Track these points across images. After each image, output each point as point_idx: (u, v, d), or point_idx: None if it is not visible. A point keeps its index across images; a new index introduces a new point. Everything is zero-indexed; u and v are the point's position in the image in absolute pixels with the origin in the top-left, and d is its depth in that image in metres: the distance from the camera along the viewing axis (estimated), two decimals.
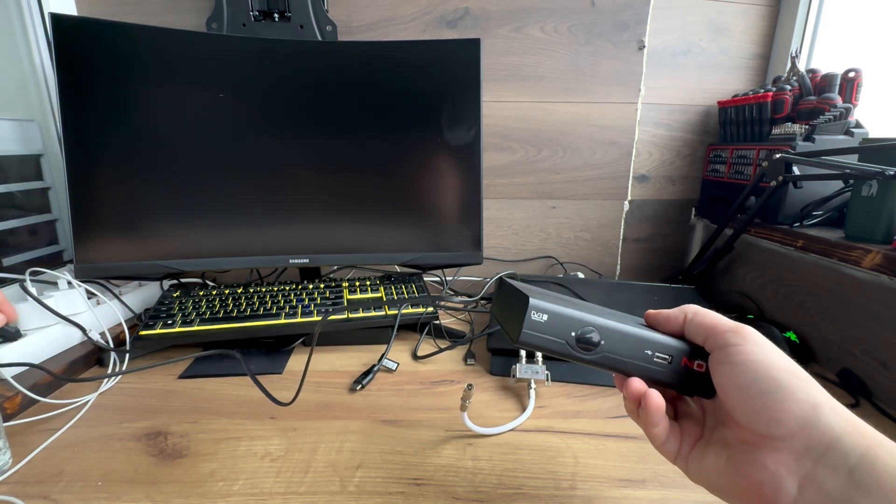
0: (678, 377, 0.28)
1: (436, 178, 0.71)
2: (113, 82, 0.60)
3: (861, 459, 0.20)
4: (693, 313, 0.28)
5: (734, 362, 0.24)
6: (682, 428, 0.29)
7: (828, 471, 0.20)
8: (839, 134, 0.66)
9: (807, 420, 0.21)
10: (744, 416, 0.23)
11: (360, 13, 0.79)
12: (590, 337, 0.28)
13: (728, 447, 0.25)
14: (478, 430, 0.43)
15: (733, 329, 0.25)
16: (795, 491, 0.21)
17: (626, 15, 0.80)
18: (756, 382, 0.23)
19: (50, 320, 0.56)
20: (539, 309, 0.28)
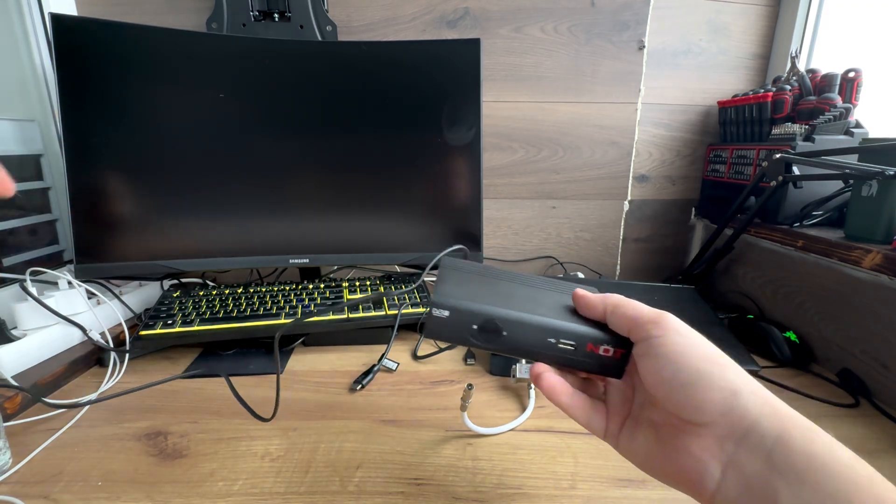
0: (586, 362, 0.29)
1: (436, 177, 0.71)
2: (113, 82, 0.60)
3: (777, 441, 0.20)
4: (613, 305, 0.28)
5: (656, 355, 0.24)
6: (609, 406, 0.29)
7: (748, 454, 0.21)
8: (839, 134, 0.66)
9: (727, 406, 0.22)
10: (669, 404, 0.24)
11: (360, 13, 0.79)
12: (491, 328, 0.29)
13: (656, 429, 0.26)
14: (478, 430, 0.43)
15: (654, 320, 0.25)
16: (719, 475, 0.21)
17: (626, 15, 0.80)
18: (678, 375, 0.23)
19: (50, 320, 0.56)
20: (440, 305, 0.29)
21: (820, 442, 0.20)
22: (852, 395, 0.52)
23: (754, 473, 0.20)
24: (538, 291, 0.33)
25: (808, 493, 0.18)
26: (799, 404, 0.50)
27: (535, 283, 0.34)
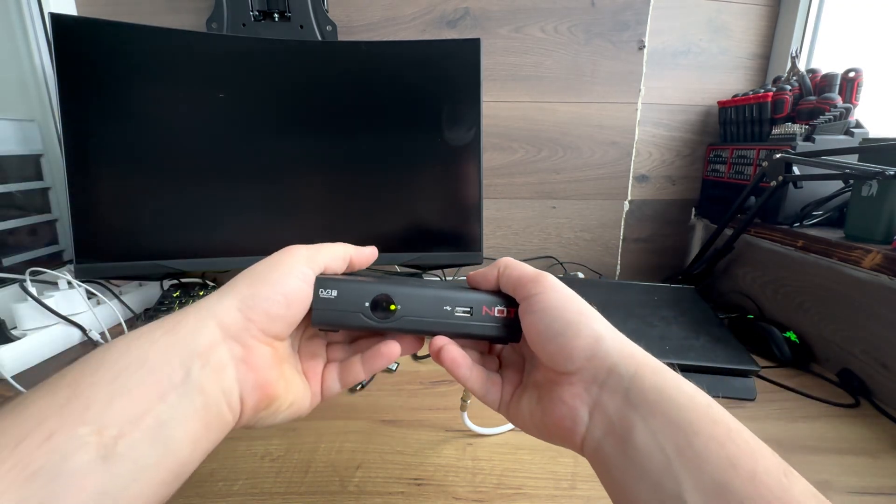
0: (484, 327, 0.29)
1: (435, 178, 0.71)
2: (113, 82, 0.60)
3: (632, 380, 0.22)
4: (504, 266, 0.29)
5: (535, 310, 0.26)
6: (504, 378, 0.30)
7: (609, 394, 0.23)
8: (839, 134, 0.66)
9: (591, 352, 0.24)
10: (545, 357, 0.25)
11: (360, 13, 0.79)
12: (385, 304, 0.28)
13: (538, 389, 0.27)
14: (478, 430, 0.43)
15: (534, 278, 0.27)
16: (587, 418, 0.23)
17: (626, 15, 0.80)
18: (552, 325, 0.25)
19: (50, 320, 0.56)
20: (327, 286, 0.28)
21: (668, 378, 0.22)
22: (852, 395, 0.52)
23: (614, 411, 0.22)
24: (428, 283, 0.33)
25: (657, 422, 0.21)
26: (799, 404, 0.51)
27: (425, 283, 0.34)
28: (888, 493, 0.38)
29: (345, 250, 0.30)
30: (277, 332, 0.26)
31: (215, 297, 0.25)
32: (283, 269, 0.26)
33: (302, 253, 0.28)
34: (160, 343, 0.21)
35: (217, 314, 0.24)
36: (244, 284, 0.25)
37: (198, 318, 0.23)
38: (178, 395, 0.21)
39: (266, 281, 0.26)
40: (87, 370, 0.20)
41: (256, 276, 0.26)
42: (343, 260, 0.30)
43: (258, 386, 0.24)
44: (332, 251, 0.29)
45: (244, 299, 0.24)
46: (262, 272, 0.26)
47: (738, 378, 0.52)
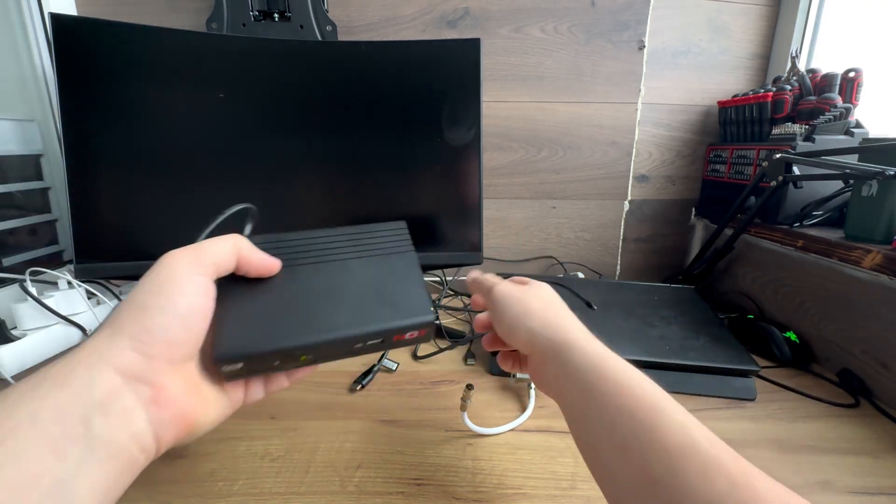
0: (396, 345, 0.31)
1: (435, 178, 0.70)
2: (113, 82, 0.60)
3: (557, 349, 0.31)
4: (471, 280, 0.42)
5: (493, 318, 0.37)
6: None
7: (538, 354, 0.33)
8: (839, 134, 0.66)
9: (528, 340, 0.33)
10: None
11: (360, 13, 0.79)
12: (295, 357, 0.28)
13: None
14: (478, 430, 0.43)
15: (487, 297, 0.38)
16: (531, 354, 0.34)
17: (626, 15, 0.80)
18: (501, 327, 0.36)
19: (50, 320, 0.56)
20: (229, 360, 0.25)
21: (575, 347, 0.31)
22: (852, 395, 0.52)
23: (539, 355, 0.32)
24: (340, 272, 0.30)
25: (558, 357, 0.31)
26: (799, 404, 0.51)
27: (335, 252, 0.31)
28: (888, 493, 0.38)
29: (233, 245, 0.27)
30: (184, 355, 0.24)
31: (104, 339, 0.22)
32: (170, 287, 0.23)
33: (184, 259, 0.25)
34: (49, 399, 0.19)
35: (111, 360, 0.21)
36: (130, 319, 0.22)
37: (89, 366, 0.21)
38: (79, 451, 0.19)
39: (155, 307, 0.23)
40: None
41: (141, 304, 0.23)
42: (231, 255, 0.27)
43: (174, 420, 0.23)
44: (218, 248, 0.26)
45: (136, 336, 0.22)
46: (146, 298, 0.23)
47: (738, 378, 0.52)
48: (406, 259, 0.32)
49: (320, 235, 0.31)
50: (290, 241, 0.30)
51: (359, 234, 0.32)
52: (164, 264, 0.24)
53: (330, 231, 0.32)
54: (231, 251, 0.27)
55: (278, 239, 0.30)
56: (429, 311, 0.30)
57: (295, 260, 0.30)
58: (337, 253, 0.31)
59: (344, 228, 0.32)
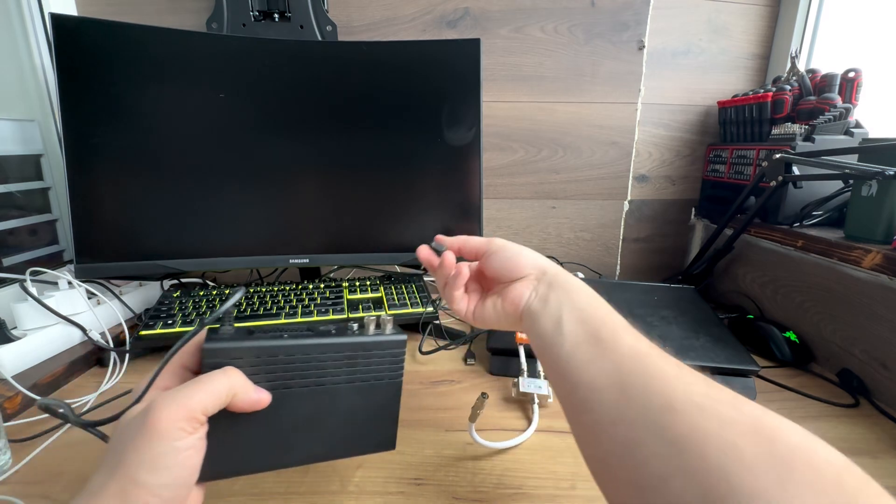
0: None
1: (436, 178, 0.71)
2: (113, 82, 0.60)
3: (554, 277, 0.35)
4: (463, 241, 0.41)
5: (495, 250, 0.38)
6: (469, 296, 0.40)
7: (542, 285, 0.35)
8: (839, 134, 0.66)
9: (534, 264, 0.36)
10: (506, 274, 0.37)
11: (360, 13, 0.79)
12: None
13: (499, 293, 0.37)
14: (484, 444, 0.41)
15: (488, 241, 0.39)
16: (528, 295, 0.35)
17: (626, 15, 0.80)
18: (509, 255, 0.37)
19: (50, 320, 0.56)
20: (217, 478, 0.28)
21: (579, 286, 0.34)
22: (852, 395, 0.52)
23: (543, 291, 0.34)
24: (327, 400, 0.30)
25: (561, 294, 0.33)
26: (799, 404, 0.51)
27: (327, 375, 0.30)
28: None
29: (228, 389, 0.26)
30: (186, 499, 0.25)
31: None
32: (167, 461, 0.23)
33: (176, 421, 0.23)
34: None
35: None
36: (137, 497, 0.22)
37: None
38: None
39: (156, 486, 0.23)
40: None
41: (140, 481, 0.22)
42: (226, 399, 0.26)
43: None
44: (212, 398, 0.25)
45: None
46: (141, 475, 0.22)
47: (738, 378, 0.52)
48: (391, 389, 0.33)
49: (317, 352, 0.29)
50: (284, 357, 0.28)
51: (357, 351, 0.31)
52: (153, 432, 0.23)
53: (328, 346, 0.30)
54: (226, 397, 0.26)
55: (272, 352, 0.28)
56: (391, 444, 0.34)
57: (286, 381, 0.29)
58: (329, 376, 0.30)
59: (344, 343, 0.30)
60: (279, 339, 0.28)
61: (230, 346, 0.27)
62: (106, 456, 0.24)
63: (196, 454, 0.25)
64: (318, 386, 0.30)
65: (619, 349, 0.27)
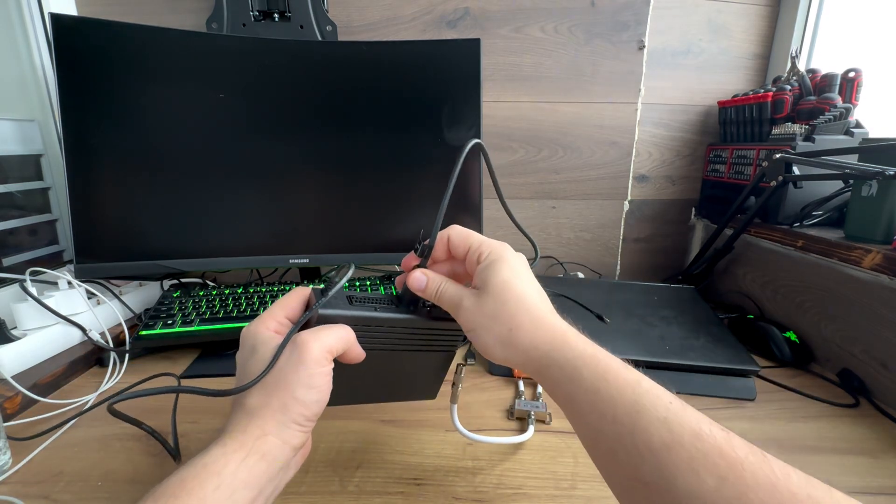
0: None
1: (436, 177, 0.71)
2: (113, 82, 0.60)
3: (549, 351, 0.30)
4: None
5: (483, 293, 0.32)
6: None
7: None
8: (839, 134, 0.66)
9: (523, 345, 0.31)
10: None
11: (360, 13, 0.79)
12: None
13: None
14: (465, 434, 0.40)
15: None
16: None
17: (626, 15, 0.80)
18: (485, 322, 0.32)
19: (50, 320, 0.56)
20: None
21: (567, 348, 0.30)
22: (852, 395, 0.52)
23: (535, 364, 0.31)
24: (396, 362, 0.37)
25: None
26: (799, 404, 0.51)
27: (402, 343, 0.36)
28: (888, 493, 0.38)
29: (347, 340, 0.32)
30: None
31: (278, 424, 0.29)
32: (318, 380, 0.30)
33: (318, 350, 0.30)
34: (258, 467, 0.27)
35: (289, 440, 0.29)
36: (296, 411, 0.29)
37: (274, 446, 0.28)
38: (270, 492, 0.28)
39: (311, 402, 0.30)
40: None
41: (300, 398, 0.29)
42: (344, 346, 0.32)
43: (304, 456, 0.33)
44: (340, 343, 0.32)
45: (300, 423, 0.29)
46: (302, 393, 0.29)
47: (738, 378, 0.52)
48: (447, 358, 0.40)
49: (400, 326, 0.35)
50: (375, 327, 0.35)
51: (431, 332, 0.37)
52: (306, 357, 0.29)
53: (409, 322, 0.35)
54: (346, 345, 0.32)
55: (368, 321, 0.34)
56: (434, 395, 0.42)
57: (371, 343, 0.34)
58: (403, 343, 0.36)
59: (421, 323, 0.36)
60: (373, 311, 0.34)
61: (340, 314, 0.33)
62: (261, 385, 0.30)
63: (329, 380, 0.31)
64: (394, 350, 0.36)
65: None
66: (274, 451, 0.28)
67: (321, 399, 0.30)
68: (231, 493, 0.25)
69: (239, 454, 0.27)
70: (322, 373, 0.30)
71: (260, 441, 0.27)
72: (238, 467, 0.26)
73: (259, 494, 0.27)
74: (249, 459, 0.27)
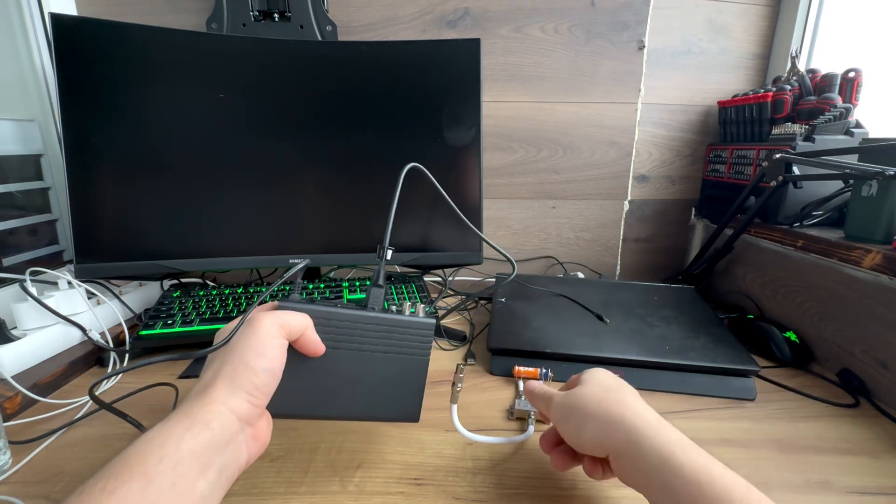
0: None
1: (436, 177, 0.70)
2: (113, 82, 0.60)
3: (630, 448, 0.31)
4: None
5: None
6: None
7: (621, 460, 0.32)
8: (839, 134, 0.66)
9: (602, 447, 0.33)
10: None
11: (360, 13, 0.79)
12: None
13: None
14: (465, 433, 0.41)
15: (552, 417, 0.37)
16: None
17: (626, 15, 0.80)
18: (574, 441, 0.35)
19: (50, 320, 0.56)
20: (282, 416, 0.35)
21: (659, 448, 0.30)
22: (852, 395, 0.52)
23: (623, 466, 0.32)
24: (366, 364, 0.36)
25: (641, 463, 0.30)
26: (799, 404, 0.51)
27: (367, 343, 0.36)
28: (888, 493, 0.38)
29: (304, 323, 0.33)
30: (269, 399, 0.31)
31: (226, 391, 0.29)
32: (269, 350, 0.30)
33: (273, 324, 0.31)
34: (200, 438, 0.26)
35: (234, 409, 0.28)
36: (245, 378, 0.29)
37: (220, 413, 0.28)
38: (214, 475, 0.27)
39: (261, 369, 0.30)
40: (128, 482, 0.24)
41: (250, 364, 0.30)
42: (301, 331, 0.33)
43: (260, 446, 0.31)
44: (296, 321, 0.32)
45: (250, 391, 0.29)
46: (253, 360, 0.30)
47: (738, 378, 0.52)
48: (419, 364, 0.38)
49: (362, 322, 0.36)
50: (337, 322, 0.35)
51: (393, 328, 0.37)
52: (259, 328, 0.30)
53: (371, 318, 0.36)
54: (302, 329, 0.33)
55: (328, 316, 0.35)
56: (416, 415, 0.39)
57: (336, 342, 0.35)
58: (369, 344, 0.36)
59: (383, 317, 0.36)
60: (334, 307, 0.35)
61: (300, 306, 0.34)
62: (215, 357, 0.31)
63: (282, 354, 0.31)
64: (360, 351, 0.36)
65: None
66: (220, 418, 0.27)
67: (270, 368, 0.30)
68: (174, 464, 0.24)
69: (183, 424, 0.26)
70: (273, 344, 0.30)
71: (204, 409, 0.27)
72: (181, 437, 0.26)
73: (207, 466, 0.26)
74: (194, 428, 0.26)
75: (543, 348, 0.55)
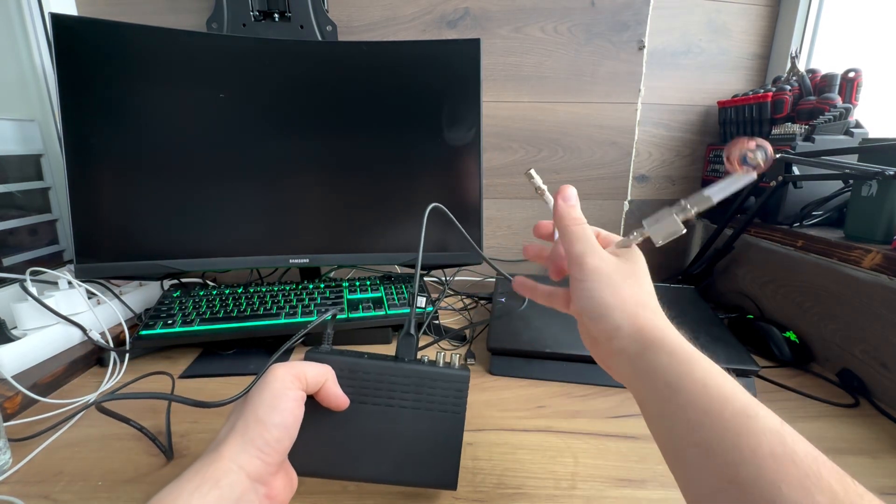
0: None
1: (436, 177, 0.71)
2: (113, 82, 0.60)
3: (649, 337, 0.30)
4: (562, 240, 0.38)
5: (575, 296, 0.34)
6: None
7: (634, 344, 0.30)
8: (839, 134, 0.66)
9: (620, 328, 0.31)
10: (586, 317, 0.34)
11: (360, 13, 0.79)
12: None
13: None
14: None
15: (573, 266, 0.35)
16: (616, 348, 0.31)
17: (626, 15, 0.80)
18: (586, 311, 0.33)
19: (50, 320, 0.56)
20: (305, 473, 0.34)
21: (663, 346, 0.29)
22: (852, 395, 0.52)
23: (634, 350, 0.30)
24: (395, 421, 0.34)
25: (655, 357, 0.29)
26: (799, 404, 0.51)
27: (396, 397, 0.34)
28: (888, 493, 0.38)
29: (324, 374, 0.32)
30: (285, 456, 0.30)
31: (237, 448, 0.28)
32: (282, 403, 0.29)
33: (288, 376, 0.30)
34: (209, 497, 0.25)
35: (244, 466, 0.27)
36: (256, 433, 0.28)
37: (229, 471, 0.27)
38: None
39: (272, 424, 0.29)
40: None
41: (263, 419, 0.29)
42: (321, 383, 0.32)
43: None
44: (314, 372, 0.32)
45: (262, 448, 0.28)
46: (266, 414, 0.29)
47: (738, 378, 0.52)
48: (454, 422, 0.35)
49: (389, 374, 0.34)
50: (363, 374, 0.34)
51: (423, 380, 0.34)
52: (272, 380, 0.30)
53: (399, 370, 0.34)
54: (322, 380, 0.32)
55: (353, 367, 0.33)
56: (453, 482, 0.34)
57: (362, 395, 0.33)
58: (397, 398, 0.34)
59: (413, 369, 0.34)
60: (361, 359, 0.34)
61: (325, 357, 0.33)
62: (233, 411, 0.30)
63: (297, 407, 0.30)
64: (388, 406, 0.34)
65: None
66: (229, 475, 0.27)
67: (284, 423, 0.29)
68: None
69: (193, 483, 0.26)
70: (288, 396, 0.29)
71: (213, 467, 0.27)
72: (191, 496, 0.25)
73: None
74: (203, 487, 0.26)
75: (543, 348, 0.55)
